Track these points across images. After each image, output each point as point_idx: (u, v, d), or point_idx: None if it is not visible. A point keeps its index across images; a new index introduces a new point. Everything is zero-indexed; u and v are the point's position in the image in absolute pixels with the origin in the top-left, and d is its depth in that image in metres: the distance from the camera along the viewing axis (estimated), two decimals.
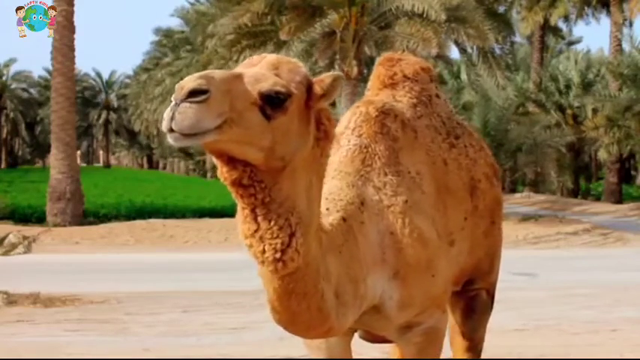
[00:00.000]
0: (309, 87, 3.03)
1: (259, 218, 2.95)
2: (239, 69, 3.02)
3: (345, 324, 3.37)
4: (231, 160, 2.90)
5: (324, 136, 3.12)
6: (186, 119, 2.70)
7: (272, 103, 2.88)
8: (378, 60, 4.46)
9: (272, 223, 2.95)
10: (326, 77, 3.08)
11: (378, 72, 4.33)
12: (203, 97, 2.71)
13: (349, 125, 3.85)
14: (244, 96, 2.84)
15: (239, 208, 2.99)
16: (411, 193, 3.70)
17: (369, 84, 4.37)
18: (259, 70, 2.97)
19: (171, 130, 2.72)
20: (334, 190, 3.55)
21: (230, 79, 2.84)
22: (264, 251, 2.97)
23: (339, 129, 3.82)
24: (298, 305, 3.11)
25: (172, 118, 2.71)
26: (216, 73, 2.83)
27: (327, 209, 3.45)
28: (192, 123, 2.70)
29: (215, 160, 2.94)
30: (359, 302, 3.40)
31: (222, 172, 2.93)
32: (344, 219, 3.44)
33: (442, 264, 3.71)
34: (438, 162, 4.00)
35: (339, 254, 3.32)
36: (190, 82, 2.73)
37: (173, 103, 2.73)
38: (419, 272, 3.57)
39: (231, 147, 2.85)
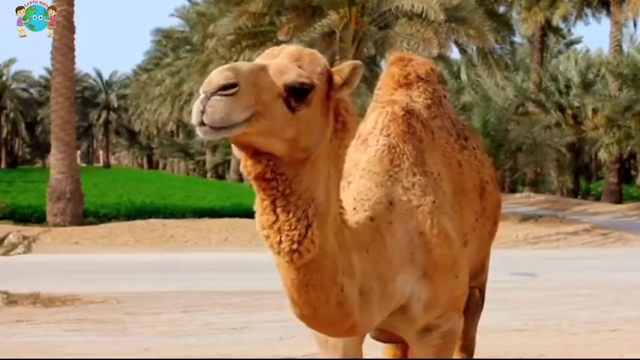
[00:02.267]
0: (329, 77, 3.03)
1: (278, 210, 2.96)
2: (260, 60, 3.01)
3: (372, 323, 3.37)
4: (256, 154, 2.90)
5: (342, 127, 3.11)
6: (218, 112, 2.70)
7: (296, 94, 2.88)
8: (389, 59, 4.46)
9: (290, 214, 2.95)
10: (345, 66, 3.07)
11: (391, 72, 4.31)
12: (233, 90, 2.72)
13: (376, 125, 3.84)
14: (270, 88, 2.84)
15: (258, 200, 2.99)
16: (436, 194, 3.72)
17: (380, 83, 4.36)
18: (281, 61, 2.96)
19: (201, 124, 2.73)
20: (362, 190, 3.56)
21: (256, 71, 2.84)
22: (280, 242, 2.98)
23: (366, 129, 3.83)
24: (317, 298, 3.11)
25: (203, 112, 2.71)
26: (243, 66, 2.83)
27: (355, 209, 3.45)
28: (223, 116, 2.71)
29: (238, 154, 2.93)
30: (387, 302, 3.40)
31: (247, 166, 2.93)
32: (371, 218, 3.45)
33: (463, 265, 3.73)
34: (454, 163, 4.02)
35: (365, 252, 3.32)
36: (219, 74, 2.74)
37: (203, 96, 2.73)
38: (445, 273, 3.58)
39: (257, 139, 2.86)
